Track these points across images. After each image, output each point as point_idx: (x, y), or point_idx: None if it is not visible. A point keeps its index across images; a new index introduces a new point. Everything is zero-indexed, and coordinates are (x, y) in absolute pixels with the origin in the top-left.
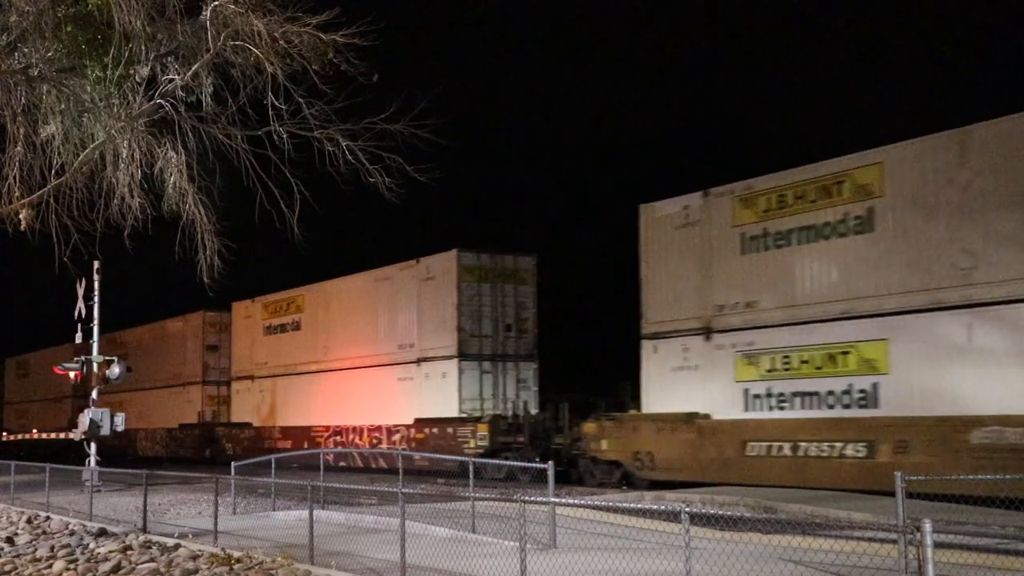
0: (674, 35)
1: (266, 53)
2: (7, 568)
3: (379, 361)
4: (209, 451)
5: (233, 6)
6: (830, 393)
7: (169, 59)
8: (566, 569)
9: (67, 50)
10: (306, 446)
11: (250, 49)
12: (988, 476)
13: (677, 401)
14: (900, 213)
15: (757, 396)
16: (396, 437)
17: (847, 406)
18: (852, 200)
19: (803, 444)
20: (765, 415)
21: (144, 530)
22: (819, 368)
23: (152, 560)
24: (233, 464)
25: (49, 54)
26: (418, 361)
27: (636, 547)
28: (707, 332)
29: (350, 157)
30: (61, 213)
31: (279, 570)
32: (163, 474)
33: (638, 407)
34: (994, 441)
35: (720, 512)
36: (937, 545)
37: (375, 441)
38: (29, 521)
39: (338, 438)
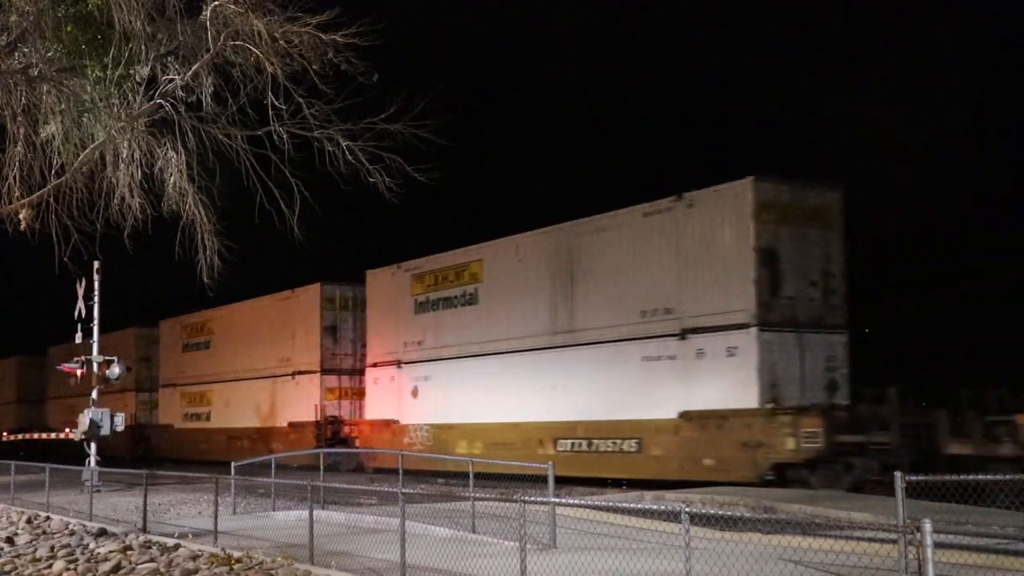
0: (675, 33)
1: (266, 53)
2: (7, 568)
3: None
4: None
5: (233, 6)
6: None
7: (169, 59)
8: (566, 569)
9: (67, 50)
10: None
11: (250, 49)
12: (987, 476)
13: None
14: None
15: None
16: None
17: None
18: None
19: None
20: None
21: (144, 530)
22: None
23: (152, 560)
24: (233, 464)
25: (49, 54)
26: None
27: (636, 547)
28: None
29: (350, 157)
30: (61, 213)
31: (279, 570)
32: (163, 474)
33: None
34: None
35: (720, 512)
36: (937, 545)
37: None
38: (29, 521)
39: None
